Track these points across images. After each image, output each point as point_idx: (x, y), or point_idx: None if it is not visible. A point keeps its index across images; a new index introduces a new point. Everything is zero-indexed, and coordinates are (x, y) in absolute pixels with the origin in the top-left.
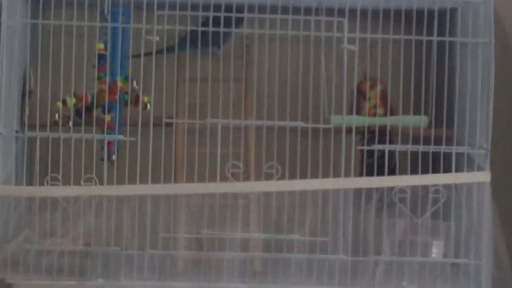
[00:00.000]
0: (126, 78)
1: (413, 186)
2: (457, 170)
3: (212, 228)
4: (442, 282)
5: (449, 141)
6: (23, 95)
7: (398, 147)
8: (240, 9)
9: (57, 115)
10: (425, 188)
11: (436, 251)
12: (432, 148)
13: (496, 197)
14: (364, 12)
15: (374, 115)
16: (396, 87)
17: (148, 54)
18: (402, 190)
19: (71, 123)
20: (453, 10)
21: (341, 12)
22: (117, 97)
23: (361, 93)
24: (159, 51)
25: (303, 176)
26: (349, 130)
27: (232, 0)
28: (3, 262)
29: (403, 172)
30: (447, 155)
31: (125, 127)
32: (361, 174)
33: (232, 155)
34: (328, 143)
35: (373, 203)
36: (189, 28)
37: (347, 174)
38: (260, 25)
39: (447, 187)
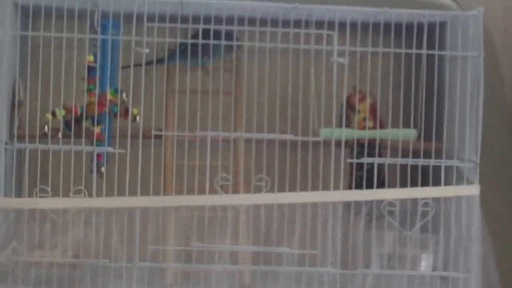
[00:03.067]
0: (115, 90)
1: (402, 199)
2: (446, 184)
3: (201, 240)
4: None
5: (438, 155)
6: (13, 106)
7: (387, 160)
8: (230, 22)
9: (46, 127)
10: (414, 201)
11: (425, 264)
12: (421, 161)
13: (485, 210)
14: (353, 25)
15: (364, 128)
16: (385, 100)
17: (137, 65)
18: (391, 203)
19: (60, 135)
20: (443, 24)
21: (330, 25)
22: (107, 109)
23: (350, 106)
24: (149, 63)
25: (292, 188)
26: (338, 143)
27: (222, 13)
28: None
29: (392, 185)
30: (436, 169)
31: (114, 139)
32: (350, 187)
33: (221, 168)
34: (318, 156)
35: (362, 216)
36: (178, 41)
37: (336, 187)
38: (250, 37)
39: (436, 200)
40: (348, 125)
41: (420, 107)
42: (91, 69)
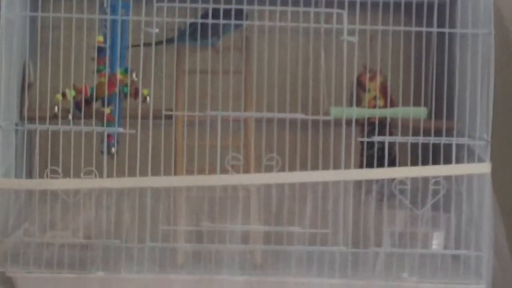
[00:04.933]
0: (125, 71)
1: (413, 177)
2: (457, 162)
3: (212, 220)
4: (443, 273)
5: (449, 133)
6: (23, 88)
7: (398, 139)
8: (239, 1)
9: (56, 108)
10: (426, 179)
11: (436, 243)
12: (432, 140)
13: (496, 188)
14: (363, 3)
15: (374, 106)
16: (396, 78)
17: (148, 45)
18: (402, 182)
19: (70, 116)
20: (453, 1)
21: (340, 4)
22: (117, 89)
23: (361, 85)
24: (159, 43)
25: (303, 168)
26: (349, 122)
27: None
28: (3, 255)
29: (403, 163)
30: (447, 147)
31: (124, 120)
32: (361, 166)
33: (232, 147)
34: (328, 135)
35: (373, 195)
36: (188, 20)
37: (347, 166)
38: (260, 17)
39: (448, 178)
40: (359, 104)
41: (430, 85)
42: (101, 50)
